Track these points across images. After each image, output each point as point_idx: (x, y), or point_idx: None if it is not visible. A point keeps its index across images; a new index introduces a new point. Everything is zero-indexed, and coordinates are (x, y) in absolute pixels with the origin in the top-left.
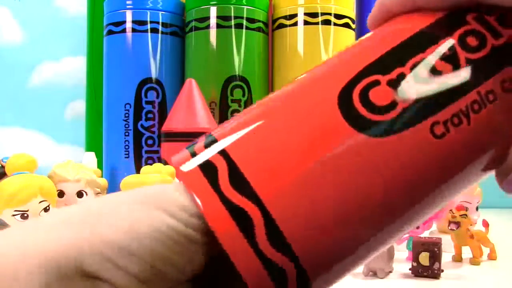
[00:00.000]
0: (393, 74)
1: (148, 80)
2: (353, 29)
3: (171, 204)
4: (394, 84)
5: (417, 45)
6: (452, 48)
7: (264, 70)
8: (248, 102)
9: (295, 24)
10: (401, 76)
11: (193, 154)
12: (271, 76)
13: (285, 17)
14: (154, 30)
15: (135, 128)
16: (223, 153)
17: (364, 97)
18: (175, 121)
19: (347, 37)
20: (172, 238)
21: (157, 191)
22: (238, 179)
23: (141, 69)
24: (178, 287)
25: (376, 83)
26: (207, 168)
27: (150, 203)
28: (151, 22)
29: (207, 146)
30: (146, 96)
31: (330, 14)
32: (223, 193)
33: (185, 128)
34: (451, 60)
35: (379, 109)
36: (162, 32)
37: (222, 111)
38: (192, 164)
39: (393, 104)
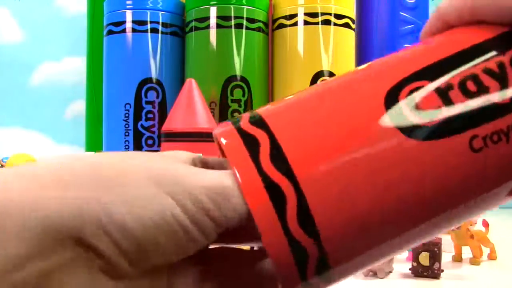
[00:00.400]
0: (442, 83)
1: (148, 80)
2: (353, 29)
3: (185, 195)
4: (442, 92)
5: (469, 59)
6: (502, 67)
7: (264, 70)
8: (248, 102)
9: (295, 24)
10: (449, 86)
11: (237, 128)
12: (271, 76)
13: (285, 17)
14: (154, 30)
15: (135, 128)
16: (266, 129)
17: (411, 99)
18: (175, 121)
19: (347, 37)
20: (173, 229)
21: (177, 173)
22: (278, 156)
23: (141, 69)
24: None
25: (425, 88)
26: (249, 142)
27: (164, 185)
28: (151, 22)
29: (251, 121)
30: (146, 96)
31: (330, 14)
32: (261, 167)
33: (185, 128)
34: (500, 79)
35: (423, 113)
36: (162, 32)
37: (222, 111)
38: (235, 136)
39: (437, 111)
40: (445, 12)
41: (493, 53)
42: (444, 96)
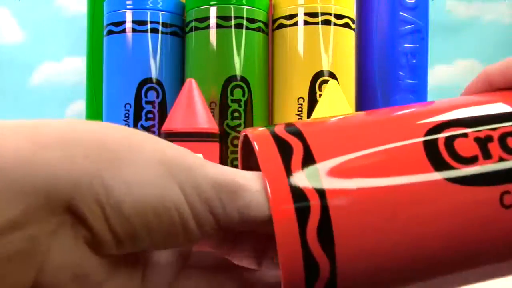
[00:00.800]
0: (482, 134)
1: (148, 80)
2: (353, 29)
3: (193, 187)
4: (481, 142)
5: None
6: None
7: (264, 70)
8: (248, 102)
9: (295, 24)
10: (489, 138)
11: (272, 133)
12: (271, 76)
13: (285, 17)
14: (154, 30)
15: (135, 128)
16: (302, 139)
17: (449, 142)
18: (175, 121)
19: (347, 37)
20: (172, 220)
21: (189, 162)
22: (309, 165)
23: (141, 69)
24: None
25: (464, 135)
26: (283, 147)
27: (174, 172)
28: (151, 22)
29: (287, 129)
30: (146, 96)
31: (330, 14)
32: (291, 173)
33: (185, 128)
34: None
35: (460, 158)
36: (162, 32)
37: (222, 111)
38: (269, 140)
39: (473, 159)
40: (492, 74)
41: None
42: (482, 146)
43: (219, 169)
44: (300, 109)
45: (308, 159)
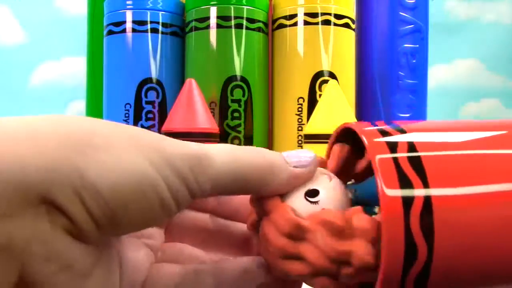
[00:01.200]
0: None
1: (148, 80)
2: (353, 29)
3: (165, 162)
4: None
5: None
6: None
7: (264, 70)
8: (248, 102)
9: (295, 24)
10: None
11: (380, 130)
12: (271, 76)
13: (285, 17)
14: (154, 30)
15: None
16: (407, 137)
17: None
18: (175, 121)
19: (347, 37)
20: (148, 196)
21: (160, 141)
22: (415, 161)
23: (141, 69)
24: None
25: None
26: (390, 142)
27: (145, 151)
28: (151, 22)
29: (393, 128)
30: (146, 96)
31: (330, 14)
32: (398, 161)
33: (185, 128)
34: None
35: None
36: (162, 32)
37: (222, 111)
38: (377, 134)
39: None
40: None
41: None
42: None
43: (187, 143)
44: (300, 109)
45: (413, 158)
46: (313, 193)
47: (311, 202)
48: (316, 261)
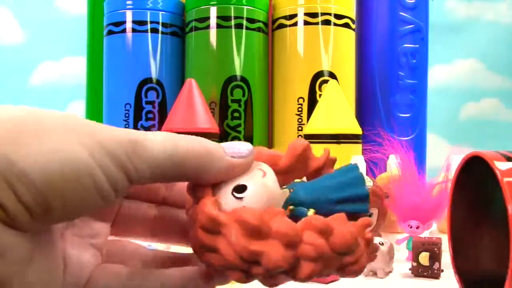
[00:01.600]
0: None
1: (148, 80)
2: (353, 29)
3: (98, 145)
4: None
5: None
6: None
7: (264, 70)
8: (248, 102)
9: (295, 24)
10: None
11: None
12: (271, 76)
13: (285, 17)
14: (154, 30)
15: (135, 128)
16: None
17: None
18: (175, 121)
19: (347, 37)
20: (82, 181)
21: (93, 127)
22: None
23: (141, 69)
24: None
25: None
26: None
27: (77, 136)
28: (151, 22)
29: None
30: (146, 96)
31: (330, 14)
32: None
33: (185, 128)
34: None
35: None
36: (162, 32)
37: (222, 111)
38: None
39: None
40: None
41: None
42: None
43: (125, 129)
44: (300, 109)
45: None
46: (240, 188)
47: (236, 197)
48: (228, 257)
